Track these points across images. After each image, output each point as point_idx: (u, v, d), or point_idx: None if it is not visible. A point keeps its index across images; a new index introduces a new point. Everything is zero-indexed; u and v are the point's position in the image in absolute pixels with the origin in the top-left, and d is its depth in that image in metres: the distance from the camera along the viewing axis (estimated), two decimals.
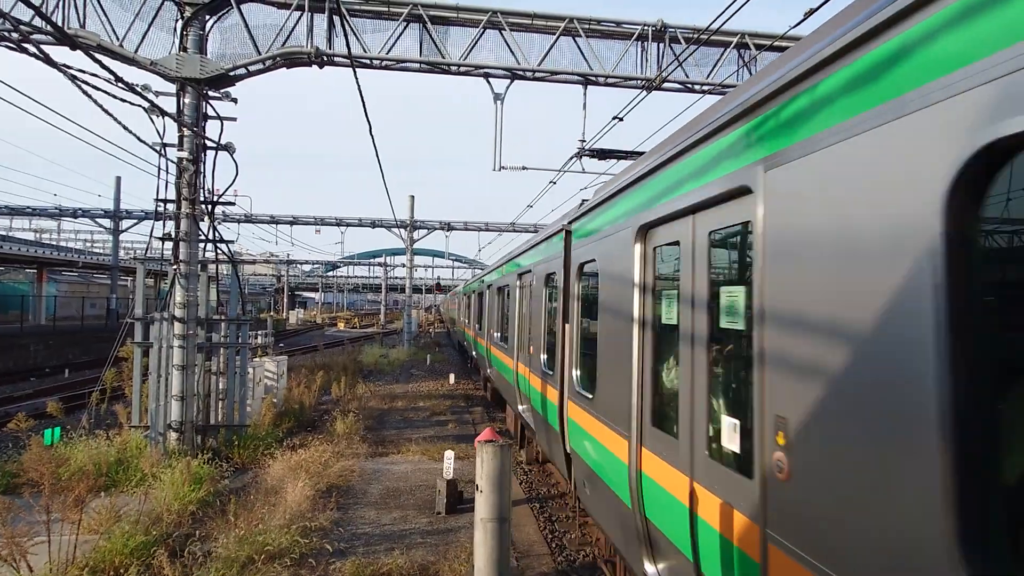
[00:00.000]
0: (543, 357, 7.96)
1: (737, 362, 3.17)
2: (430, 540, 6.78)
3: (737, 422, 3.03)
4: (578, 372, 6.22)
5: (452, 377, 20.32)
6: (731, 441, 3.05)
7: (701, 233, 3.43)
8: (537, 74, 12.18)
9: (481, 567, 2.71)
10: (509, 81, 12.42)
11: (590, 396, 5.45)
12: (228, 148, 9.96)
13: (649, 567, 4.14)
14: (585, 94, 12.78)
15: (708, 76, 12.53)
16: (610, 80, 12.35)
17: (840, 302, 2.17)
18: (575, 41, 12.30)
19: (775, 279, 2.59)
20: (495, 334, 13.90)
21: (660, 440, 3.95)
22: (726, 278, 3.35)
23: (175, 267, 9.53)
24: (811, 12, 5.90)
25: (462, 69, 12.04)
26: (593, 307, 5.68)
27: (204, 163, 9.84)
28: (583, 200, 6.56)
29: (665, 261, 4.13)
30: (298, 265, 73.10)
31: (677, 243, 3.77)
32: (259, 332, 20.68)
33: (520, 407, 10.05)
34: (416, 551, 6.42)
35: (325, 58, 10.87)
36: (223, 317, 10.69)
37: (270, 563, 5.66)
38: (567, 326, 6.54)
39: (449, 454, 7.90)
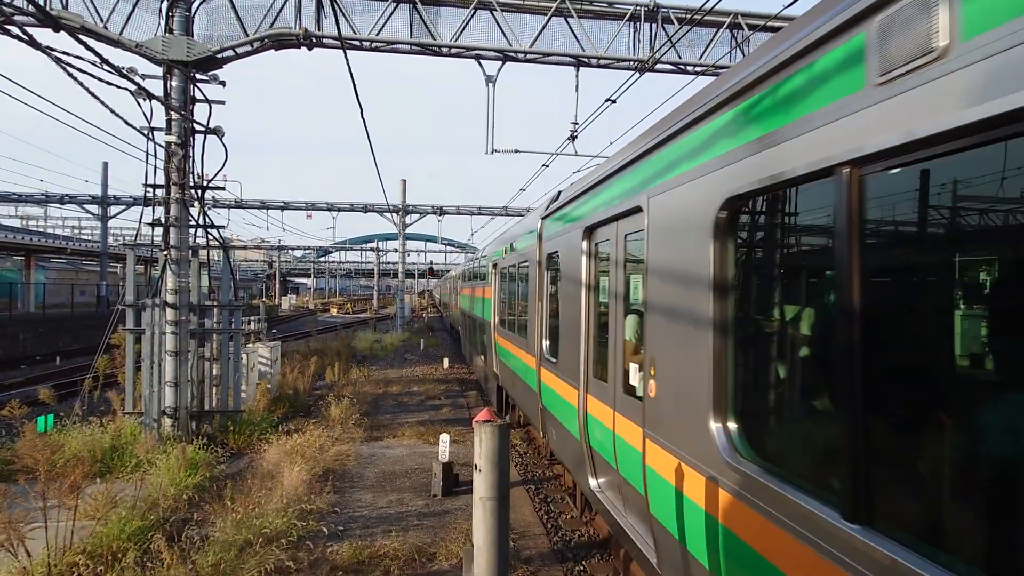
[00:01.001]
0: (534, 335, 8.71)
1: (639, 326, 4.52)
2: (426, 522, 6.84)
3: (636, 366, 4.39)
4: (547, 343, 7.47)
5: (446, 361, 20.37)
6: (633, 378, 4.44)
7: (621, 235, 4.83)
8: (529, 56, 12.07)
9: (480, 545, 2.74)
10: (501, 63, 12.31)
11: (555, 360, 6.92)
12: (217, 132, 9.84)
13: (592, 481, 5.72)
14: (577, 76, 12.69)
15: (701, 57, 12.47)
16: (602, 62, 12.27)
17: (671, 288, 3.63)
18: (567, 22, 12.18)
19: (653, 269, 3.91)
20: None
21: (598, 386, 5.40)
22: (633, 268, 4.69)
23: (166, 253, 9.46)
24: None
25: (453, 51, 11.91)
26: (557, 290, 7.03)
27: (193, 147, 9.73)
28: (557, 194, 7.70)
29: (601, 254, 5.50)
30: (290, 251, 72.67)
31: (608, 240, 5.16)
32: (252, 318, 20.62)
33: (494, 369, 12.33)
34: (413, 533, 6.48)
35: (314, 40, 10.72)
36: (215, 303, 10.64)
37: (268, 546, 5.69)
38: (539, 305, 7.73)
39: (444, 437, 7.94)
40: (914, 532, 1.90)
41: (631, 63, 12.15)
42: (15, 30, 5.43)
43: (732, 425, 2.92)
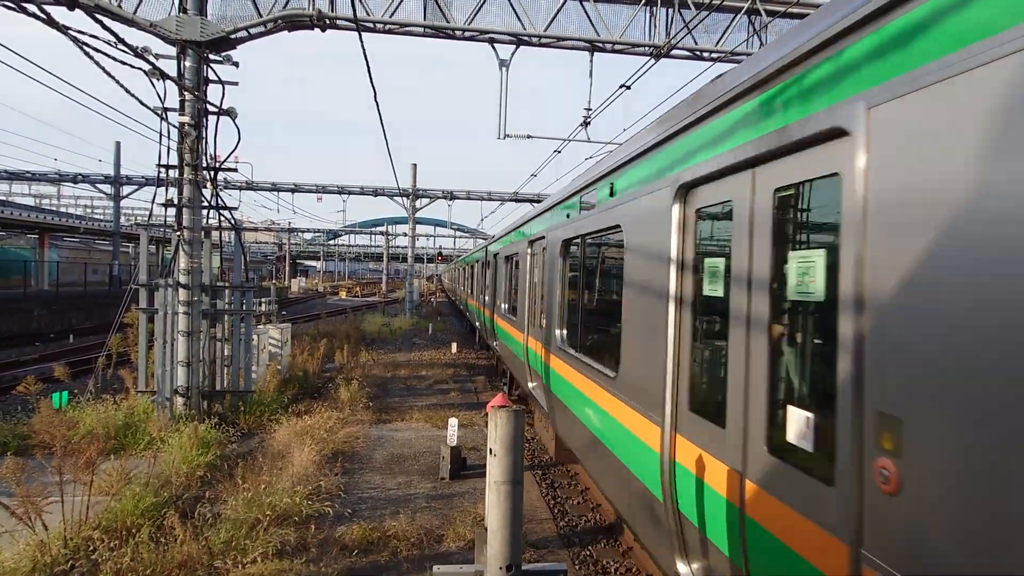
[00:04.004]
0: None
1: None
2: (435, 504, 6.90)
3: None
4: (557, 329, 7.25)
5: (454, 346, 20.44)
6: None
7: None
8: (543, 40, 11.95)
9: (495, 528, 2.77)
10: (515, 47, 12.20)
11: (542, 329, 7.86)
12: (230, 113, 9.84)
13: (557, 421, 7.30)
14: (592, 61, 12.56)
15: (718, 43, 12.29)
16: (617, 47, 12.13)
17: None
18: (582, 6, 12.04)
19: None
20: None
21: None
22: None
23: (179, 233, 9.51)
24: None
25: (467, 34, 11.81)
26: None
27: (206, 128, 9.74)
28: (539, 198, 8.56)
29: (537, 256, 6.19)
30: (300, 233, 72.86)
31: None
32: (263, 300, 20.75)
33: (493, 342, 14.16)
34: (421, 515, 6.55)
35: (328, 21, 10.66)
36: (227, 284, 10.70)
37: (277, 525, 5.78)
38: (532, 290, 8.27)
39: (453, 421, 7.99)
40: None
41: (646, 49, 12.00)
42: (32, 8, 5.43)
43: None
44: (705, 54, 12.30)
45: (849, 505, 2.16)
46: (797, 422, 2.54)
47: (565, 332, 6.87)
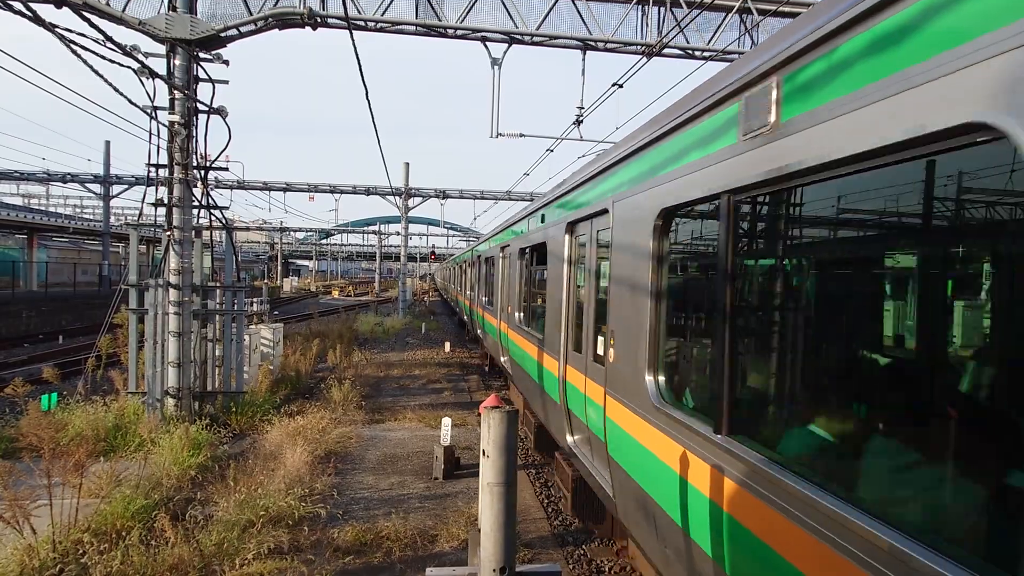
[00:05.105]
0: (516, 313, 10.53)
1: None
2: (428, 505, 6.88)
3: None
4: (516, 312, 9.75)
5: (447, 345, 20.40)
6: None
7: (594, 231, 5.55)
8: (535, 38, 11.94)
9: (488, 530, 2.75)
10: (507, 45, 12.18)
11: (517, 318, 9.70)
12: (220, 112, 9.76)
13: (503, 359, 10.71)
14: (584, 60, 12.57)
15: (709, 42, 12.32)
16: (609, 45, 12.13)
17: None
18: (574, 4, 12.03)
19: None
20: (483, 298, 16.32)
21: (523, 328, 8.88)
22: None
23: (169, 233, 9.43)
24: None
25: (459, 33, 11.78)
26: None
27: (196, 127, 9.66)
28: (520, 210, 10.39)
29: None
30: (292, 233, 72.57)
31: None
32: (255, 300, 20.62)
33: (477, 331, 17.11)
34: (415, 515, 6.52)
35: (318, 19, 10.61)
36: (218, 284, 10.63)
37: (270, 526, 5.74)
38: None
39: (446, 421, 7.97)
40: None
41: (638, 47, 12.01)
42: (18, 5, 5.36)
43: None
44: (697, 53, 12.32)
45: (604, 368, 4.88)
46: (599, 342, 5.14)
47: (520, 314, 9.51)
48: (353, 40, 8.18)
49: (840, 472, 2.40)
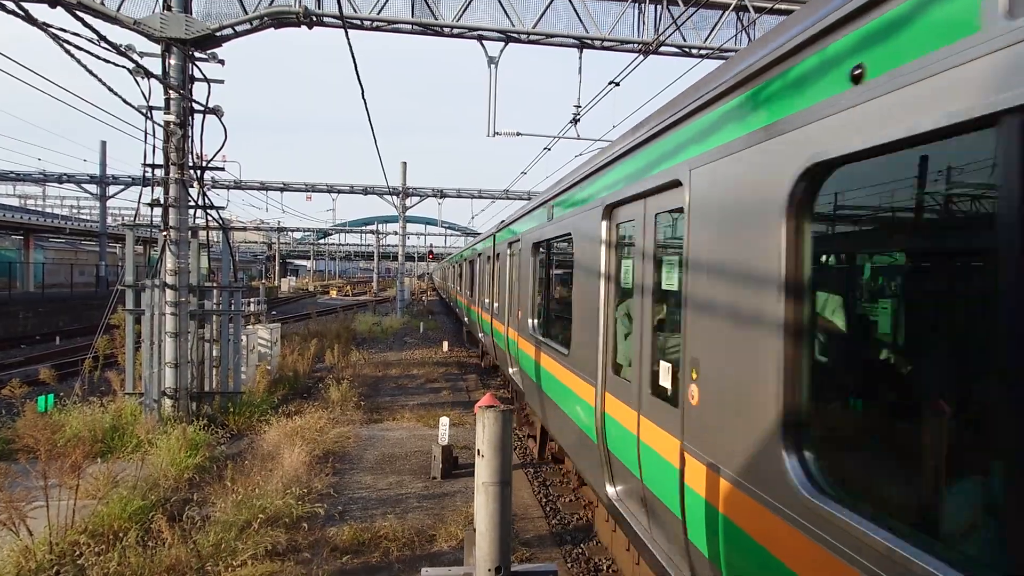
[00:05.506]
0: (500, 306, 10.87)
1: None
2: (426, 504, 6.88)
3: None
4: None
5: (445, 345, 20.38)
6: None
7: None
8: (532, 37, 11.92)
9: (483, 530, 2.75)
10: (503, 44, 12.17)
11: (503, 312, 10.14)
12: (216, 112, 9.74)
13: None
14: (581, 58, 12.55)
15: (706, 40, 12.31)
16: (606, 43, 12.12)
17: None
18: (571, 2, 12.02)
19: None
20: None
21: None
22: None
23: (165, 234, 9.40)
24: None
25: (455, 31, 11.76)
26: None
27: (192, 127, 9.63)
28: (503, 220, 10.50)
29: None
30: (289, 233, 72.44)
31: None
32: (252, 300, 20.58)
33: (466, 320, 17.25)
34: (413, 515, 6.52)
35: (314, 18, 10.57)
36: (215, 284, 10.60)
37: (268, 527, 5.73)
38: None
39: (444, 420, 7.96)
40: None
41: (635, 45, 12.00)
42: (10, 4, 5.34)
43: None
44: (693, 51, 12.32)
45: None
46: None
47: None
48: (348, 39, 8.17)
49: None
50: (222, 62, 9.75)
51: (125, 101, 8.41)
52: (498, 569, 2.71)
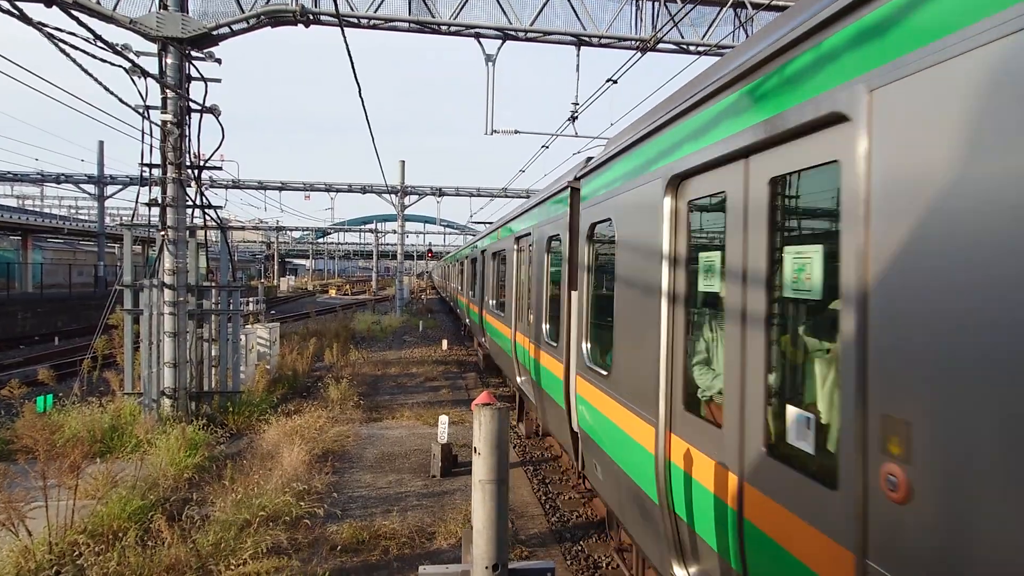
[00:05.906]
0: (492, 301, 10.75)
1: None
2: (426, 502, 6.88)
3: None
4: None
5: (445, 343, 20.38)
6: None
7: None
8: (529, 34, 11.90)
9: (480, 528, 2.75)
10: (501, 42, 12.15)
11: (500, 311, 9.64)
12: (213, 111, 9.72)
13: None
14: (578, 55, 12.54)
15: (704, 36, 12.30)
16: (604, 41, 12.10)
17: None
18: (568, 0, 12.00)
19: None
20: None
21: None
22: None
23: (163, 233, 9.39)
24: None
25: (452, 29, 11.73)
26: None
27: (189, 127, 9.61)
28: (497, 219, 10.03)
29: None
30: (288, 232, 72.40)
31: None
32: (251, 299, 20.57)
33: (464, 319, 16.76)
34: (412, 513, 6.52)
35: (311, 17, 10.55)
36: (214, 284, 10.60)
37: (267, 526, 5.73)
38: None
39: (443, 419, 7.96)
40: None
41: (633, 42, 11.99)
42: (5, 3, 5.32)
43: None
44: (691, 47, 12.31)
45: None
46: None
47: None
48: (345, 38, 8.15)
49: None
50: (219, 61, 9.73)
51: (122, 100, 8.39)
52: (495, 566, 2.72)
